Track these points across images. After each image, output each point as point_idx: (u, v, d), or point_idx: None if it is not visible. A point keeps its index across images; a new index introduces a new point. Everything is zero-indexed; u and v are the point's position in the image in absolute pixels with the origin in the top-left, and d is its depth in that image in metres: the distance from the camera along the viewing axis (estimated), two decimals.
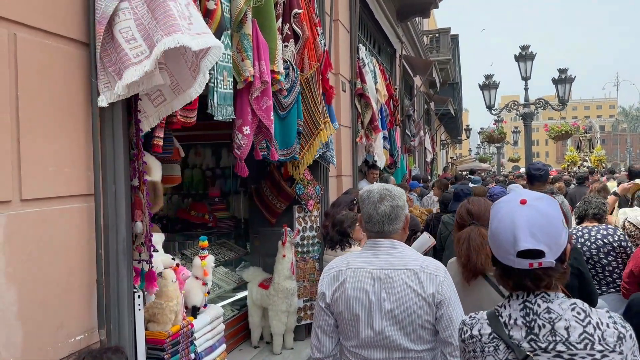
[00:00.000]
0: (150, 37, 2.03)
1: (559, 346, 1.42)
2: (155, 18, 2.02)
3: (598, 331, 1.40)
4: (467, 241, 2.34)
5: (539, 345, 1.44)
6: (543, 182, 4.66)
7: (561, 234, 1.46)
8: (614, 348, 1.38)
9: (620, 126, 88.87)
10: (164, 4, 2.03)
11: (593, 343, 1.39)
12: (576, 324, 1.42)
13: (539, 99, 11.70)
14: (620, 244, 3.89)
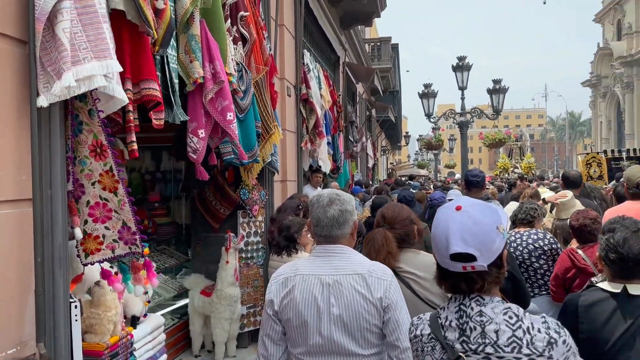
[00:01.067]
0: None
1: (488, 348, 1.47)
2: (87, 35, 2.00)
3: (527, 335, 1.45)
4: (371, 241, 2.47)
5: (470, 347, 1.50)
6: (480, 188, 4.85)
7: (494, 239, 1.50)
8: (542, 352, 1.43)
9: (548, 135, 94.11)
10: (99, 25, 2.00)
11: (521, 347, 1.44)
12: (506, 327, 1.47)
13: (474, 108, 12.19)
14: (551, 247, 4.10)
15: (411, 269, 2.47)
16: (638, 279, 2.22)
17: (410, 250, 2.58)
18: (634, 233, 2.22)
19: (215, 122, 3.29)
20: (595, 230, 3.66)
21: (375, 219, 2.73)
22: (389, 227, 2.59)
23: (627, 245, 2.18)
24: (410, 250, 2.58)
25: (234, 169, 4.78)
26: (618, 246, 2.20)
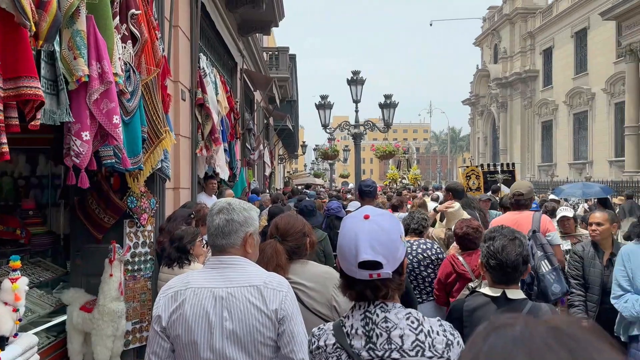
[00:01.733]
0: None
1: (394, 354, 1.50)
2: None
3: (429, 339, 1.51)
4: (261, 253, 2.45)
5: (377, 354, 1.51)
6: (372, 197, 5.00)
7: (399, 247, 1.56)
8: (442, 354, 1.49)
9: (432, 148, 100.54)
10: None
11: (424, 350, 1.49)
12: (410, 332, 1.52)
13: (367, 121, 12.66)
14: (437, 257, 4.32)
15: (299, 280, 2.46)
16: (515, 284, 2.39)
17: (298, 261, 2.57)
18: (511, 241, 2.39)
19: (100, 124, 3.04)
20: (476, 238, 3.93)
21: (269, 228, 2.70)
22: (281, 239, 2.57)
23: (505, 252, 2.34)
24: (298, 261, 2.57)
25: (120, 175, 4.46)
26: (497, 253, 2.36)
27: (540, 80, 34.32)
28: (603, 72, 26.63)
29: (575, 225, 6.21)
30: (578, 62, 29.81)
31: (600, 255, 4.02)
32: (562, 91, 30.92)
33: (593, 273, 3.99)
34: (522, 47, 35.82)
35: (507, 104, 37.61)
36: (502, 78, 37.07)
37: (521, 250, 2.36)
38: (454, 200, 5.48)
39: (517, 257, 2.34)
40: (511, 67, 36.65)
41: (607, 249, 4.04)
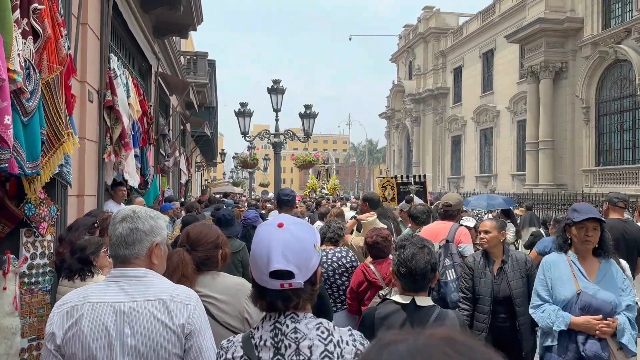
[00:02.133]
0: None
1: None
2: None
3: (338, 349, 1.50)
4: (168, 262, 2.37)
5: None
6: (290, 206, 4.99)
7: (312, 257, 1.54)
8: None
9: (351, 159, 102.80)
10: None
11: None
12: (319, 342, 1.50)
13: (288, 130, 12.71)
14: (352, 265, 4.38)
15: (209, 292, 2.37)
16: (424, 291, 2.46)
17: (209, 273, 2.48)
18: (420, 249, 2.46)
19: None
20: (385, 247, 4.05)
21: (180, 236, 2.59)
22: (190, 248, 2.47)
23: (415, 260, 2.41)
24: (209, 272, 2.48)
25: (17, 179, 4.11)
26: (407, 261, 2.42)
27: (451, 97, 36.26)
28: (507, 91, 28.63)
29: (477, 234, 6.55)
30: (485, 81, 31.82)
31: (490, 265, 3.90)
32: (470, 108, 32.83)
33: (484, 284, 3.85)
34: (434, 65, 37.69)
35: (420, 118, 39.33)
36: (416, 94, 38.75)
37: (429, 258, 2.44)
38: (373, 212, 5.61)
39: (426, 265, 2.41)
40: (424, 84, 38.42)
41: (498, 258, 3.93)
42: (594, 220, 3.12)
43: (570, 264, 3.19)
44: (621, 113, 20.71)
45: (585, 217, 3.10)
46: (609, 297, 3.04)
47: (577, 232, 3.17)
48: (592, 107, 21.78)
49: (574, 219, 3.15)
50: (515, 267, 3.83)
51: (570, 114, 22.71)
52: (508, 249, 4.05)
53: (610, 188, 18.30)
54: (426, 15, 38.59)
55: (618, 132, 20.88)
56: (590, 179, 21.46)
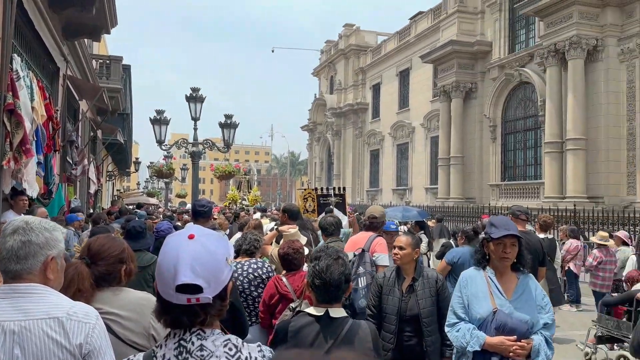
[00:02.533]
0: None
1: None
2: None
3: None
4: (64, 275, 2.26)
5: None
6: (207, 218, 4.85)
7: (223, 270, 1.48)
8: None
9: (273, 171, 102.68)
10: None
11: None
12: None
13: (207, 140, 12.44)
14: (268, 276, 4.32)
15: (111, 309, 2.22)
16: (338, 302, 2.47)
17: (110, 289, 2.33)
18: (335, 260, 2.47)
19: None
20: (296, 259, 4.04)
21: (82, 248, 2.43)
22: (90, 262, 2.32)
23: (329, 272, 2.42)
24: (110, 288, 2.34)
25: None
26: (322, 272, 2.42)
27: (370, 112, 37.36)
28: (422, 108, 29.97)
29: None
30: (401, 99, 33.11)
31: (400, 282, 3.73)
32: (388, 124, 33.99)
33: (391, 301, 3.67)
34: (354, 81, 38.72)
35: (341, 132, 40.14)
36: (337, 108, 39.53)
37: (344, 269, 2.46)
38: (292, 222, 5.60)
39: (340, 275, 2.43)
40: (345, 99, 39.31)
41: (409, 275, 3.76)
42: (512, 237, 3.02)
43: (487, 281, 3.08)
44: (524, 132, 22.33)
45: (503, 234, 3.01)
46: (524, 317, 2.96)
47: (495, 248, 3.07)
48: (499, 126, 23.31)
49: (492, 235, 3.05)
50: (425, 285, 3.68)
51: (479, 131, 24.17)
52: (421, 266, 3.89)
53: (514, 202, 19.63)
54: (347, 32, 39.62)
55: (522, 149, 22.48)
56: (497, 193, 22.89)
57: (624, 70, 17.18)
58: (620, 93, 17.21)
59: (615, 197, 17.03)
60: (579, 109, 17.27)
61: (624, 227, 12.97)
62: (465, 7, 24.55)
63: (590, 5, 17.26)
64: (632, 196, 16.79)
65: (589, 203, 16.36)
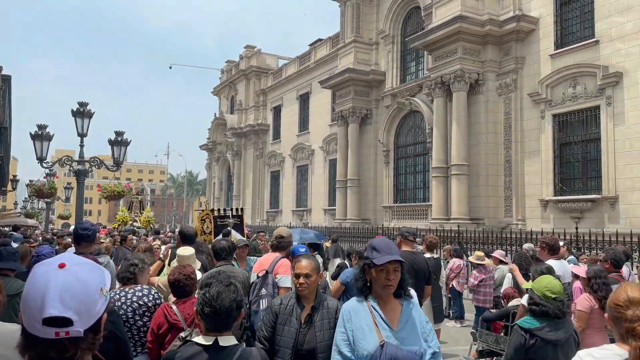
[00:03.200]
0: None
1: None
2: None
3: None
4: None
5: None
6: (90, 242, 4.53)
7: (97, 302, 1.39)
8: None
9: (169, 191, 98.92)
10: None
11: None
12: None
13: (94, 157, 11.69)
14: (155, 304, 4.10)
15: None
16: (228, 330, 2.40)
17: None
18: (226, 287, 2.40)
19: None
20: (187, 285, 3.88)
21: None
22: None
23: (220, 299, 2.34)
24: None
25: None
26: (212, 300, 2.34)
27: (271, 134, 37.52)
28: (321, 131, 30.69)
29: None
30: (302, 121, 33.69)
31: (299, 311, 3.34)
32: (288, 145, 34.35)
33: (287, 332, 3.26)
34: (255, 102, 38.77)
35: (242, 152, 39.83)
36: (238, 128, 39.23)
37: (235, 296, 2.39)
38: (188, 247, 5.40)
39: (232, 303, 2.36)
40: (246, 119, 39.16)
41: (309, 303, 3.38)
42: (394, 262, 2.82)
43: (371, 311, 2.84)
44: (414, 157, 23.67)
45: (387, 260, 2.79)
46: (414, 347, 2.79)
47: (378, 275, 2.84)
48: (392, 151, 24.50)
49: (375, 261, 2.82)
50: (325, 315, 3.32)
51: (374, 155, 25.22)
52: (321, 293, 3.53)
53: (406, 223, 20.63)
54: (248, 54, 39.71)
55: (412, 173, 23.77)
56: (390, 214, 23.92)
57: (502, 103, 18.93)
58: (499, 123, 18.91)
59: (494, 218, 18.54)
60: (462, 137, 18.67)
61: (502, 246, 14.11)
62: (361, 38, 25.72)
63: (473, 42, 18.89)
64: (508, 218, 18.38)
65: (471, 224, 17.63)
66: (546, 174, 17.46)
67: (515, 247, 13.35)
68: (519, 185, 18.22)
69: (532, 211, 17.85)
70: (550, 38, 17.68)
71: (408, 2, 23.97)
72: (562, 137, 17.28)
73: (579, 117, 16.75)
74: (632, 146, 15.14)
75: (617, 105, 15.53)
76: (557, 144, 17.34)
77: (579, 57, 16.66)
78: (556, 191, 17.20)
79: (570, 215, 16.52)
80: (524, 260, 7.17)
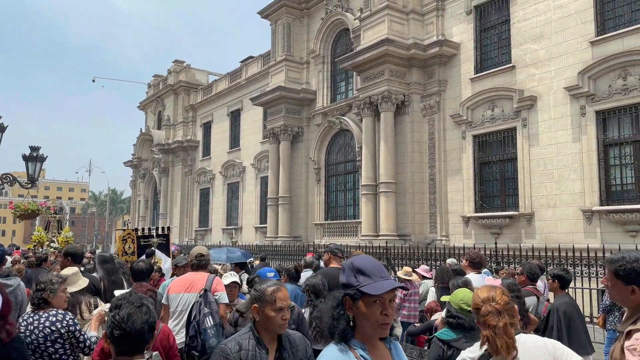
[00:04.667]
0: None
1: None
2: None
3: None
4: None
5: None
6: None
7: None
8: None
9: (90, 209, 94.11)
10: None
11: None
12: None
13: (6, 174, 10.91)
14: (69, 329, 3.85)
15: None
16: (140, 353, 2.28)
17: None
18: (138, 308, 2.29)
19: None
20: None
21: None
22: None
23: (131, 321, 2.23)
24: None
25: None
26: (122, 322, 2.22)
27: (200, 150, 36.77)
28: (252, 148, 30.48)
29: None
30: (233, 138, 33.30)
31: (265, 356, 2.74)
32: (218, 162, 33.78)
33: None
34: (184, 118, 37.92)
35: (169, 169, 38.71)
36: (165, 144, 38.15)
37: (147, 317, 2.29)
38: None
39: (143, 325, 2.25)
40: (174, 135, 38.17)
41: (272, 342, 2.81)
42: (391, 290, 2.08)
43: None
44: (345, 174, 24.02)
45: (388, 288, 2.05)
46: None
47: (369, 310, 2.05)
48: (323, 168, 24.75)
49: (366, 289, 2.04)
50: (295, 355, 2.82)
51: (305, 173, 25.36)
52: (287, 331, 2.93)
53: (337, 239, 20.83)
54: (177, 68, 38.91)
55: (342, 191, 24.09)
56: (321, 231, 24.05)
57: (426, 123, 19.70)
58: (423, 143, 19.64)
59: (420, 234, 19.13)
60: (389, 156, 19.21)
61: (427, 261, 14.55)
62: (292, 57, 25.97)
63: (399, 64, 19.59)
64: (433, 234, 19.03)
65: (398, 240, 18.08)
66: (467, 191, 18.28)
67: (440, 262, 13.80)
68: (442, 203, 18.94)
69: (455, 227, 18.59)
70: (470, 62, 18.69)
71: (337, 23, 24.53)
72: (481, 157, 18.21)
73: (497, 138, 17.74)
74: (545, 165, 16.20)
75: (532, 127, 16.60)
76: (477, 163, 18.24)
77: (497, 81, 17.71)
78: (477, 208, 18.03)
79: (490, 231, 17.35)
80: (446, 275, 7.40)
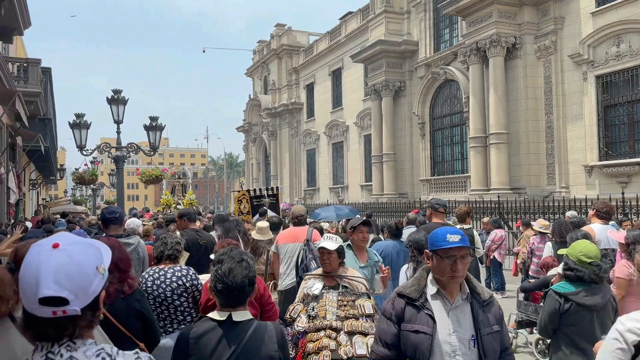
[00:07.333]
0: None
1: None
2: None
3: None
4: None
5: None
6: (117, 224, 4.65)
7: (92, 281, 1.42)
8: None
9: (210, 173, 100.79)
10: None
11: None
12: None
13: (131, 144, 11.98)
14: (192, 284, 4.18)
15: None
16: (242, 306, 2.41)
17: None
18: (238, 263, 2.41)
19: None
20: None
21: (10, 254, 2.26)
22: (16, 268, 2.17)
23: (232, 275, 2.35)
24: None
25: None
26: (224, 276, 2.35)
27: (305, 112, 37.45)
28: (354, 107, 30.38)
29: None
30: (335, 98, 33.42)
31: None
32: (322, 123, 34.21)
33: None
34: (288, 81, 38.66)
35: (277, 132, 39.98)
36: (272, 108, 39.33)
37: (247, 272, 2.40)
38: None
39: (244, 279, 2.36)
40: (279, 99, 39.17)
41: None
42: None
43: None
44: (451, 128, 23.14)
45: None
46: None
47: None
48: (427, 123, 24.03)
49: None
50: None
51: (409, 128, 24.81)
52: None
53: (444, 195, 20.32)
54: (278, 32, 39.48)
55: (449, 145, 23.29)
56: (427, 187, 23.60)
57: (541, 67, 18.18)
58: (538, 88, 18.20)
59: (536, 187, 18.00)
60: (500, 105, 18.10)
61: (544, 215, 13.72)
62: (391, 8, 25.10)
63: (509, 4, 18.12)
64: (551, 186, 17.80)
65: (512, 194, 17.19)
66: (590, 138, 16.76)
67: (558, 216, 12.95)
68: (561, 152, 17.58)
69: (576, 177, 17.22)
70: None
71: None
72: (606, 99, 16.49)
73: (624, 77, 15.91)
74: None
75: None
76: (601, 106, 16.57)
77: (622, 13, 15.75)
78: (601, 156, 16.51)
79: (617, 180, 15.84)
80: (564, 228, 6.91)
